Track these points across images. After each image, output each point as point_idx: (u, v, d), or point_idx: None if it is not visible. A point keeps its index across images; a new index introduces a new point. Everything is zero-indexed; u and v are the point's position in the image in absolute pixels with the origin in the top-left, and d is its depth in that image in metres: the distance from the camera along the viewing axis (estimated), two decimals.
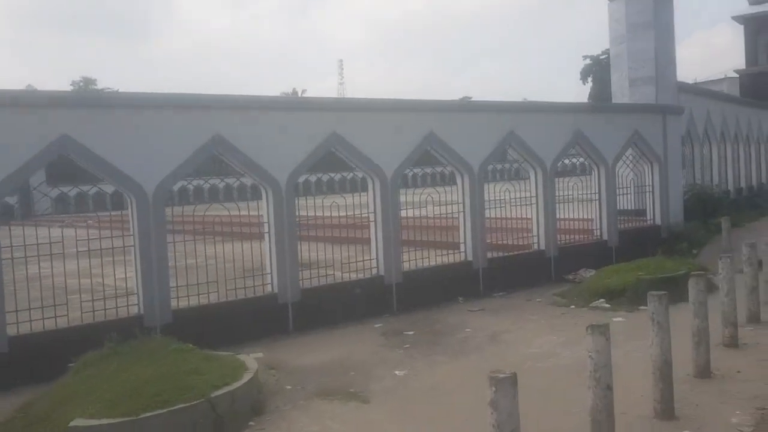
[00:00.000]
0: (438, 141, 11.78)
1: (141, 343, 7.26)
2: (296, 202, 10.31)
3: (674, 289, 9.82)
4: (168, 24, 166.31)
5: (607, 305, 10.44)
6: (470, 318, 10.40)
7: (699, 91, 18.33)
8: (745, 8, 33.98)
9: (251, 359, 7.15)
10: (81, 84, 67.41)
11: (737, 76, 33.96)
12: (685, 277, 10.69)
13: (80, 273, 9.46)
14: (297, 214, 10.33)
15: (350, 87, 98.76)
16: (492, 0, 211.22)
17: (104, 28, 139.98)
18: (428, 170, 19.16)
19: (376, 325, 10.07)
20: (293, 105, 11.63)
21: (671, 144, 15.87)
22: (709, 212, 16.42)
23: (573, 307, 10.70)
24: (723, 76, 41.93)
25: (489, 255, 12.49)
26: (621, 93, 16.63)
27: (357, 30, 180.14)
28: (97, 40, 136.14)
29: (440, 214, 12.68)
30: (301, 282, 10.18)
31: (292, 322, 9.92)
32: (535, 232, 13.33)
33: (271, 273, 9.97)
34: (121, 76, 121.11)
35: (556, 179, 13.82)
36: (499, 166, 43.04)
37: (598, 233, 14.44)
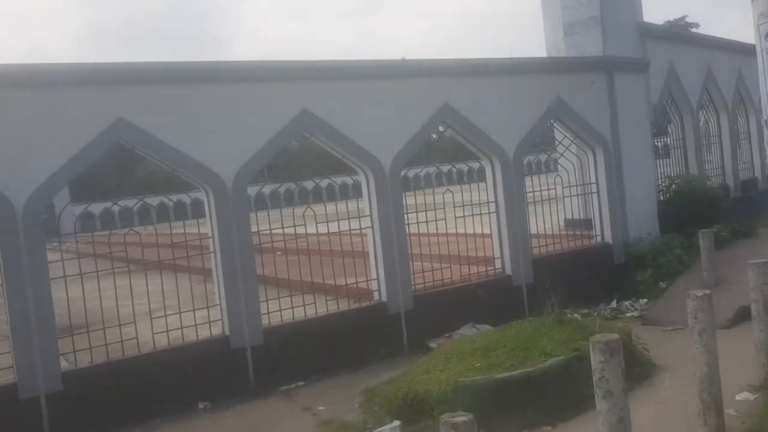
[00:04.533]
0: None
1: None
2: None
3: (537, 402, 5.16)
4: (232, 35, 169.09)
5: None
6: None
7: (685, 37, 12.91)
8: None
9: None
10: None
11: None
12: (558, 372, 5.79)
13: None
14: None
15: None
16: None
17: (172, 43, 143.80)
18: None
19: None
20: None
21: (627, 117, 10.70)
22: (701, 219, 11.07)
23: None
24: None
25: (278, 319, 7.72)
26: (555, 47, 11.54)
27: (416, 27, 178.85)
28: (164, 55, 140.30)
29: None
30: None
31: None
32: (374, 273, 8.46)
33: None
34: None
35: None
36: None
37: (500, 265, 9.41)
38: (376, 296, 8.48)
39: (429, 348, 8.30)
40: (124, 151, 7.43)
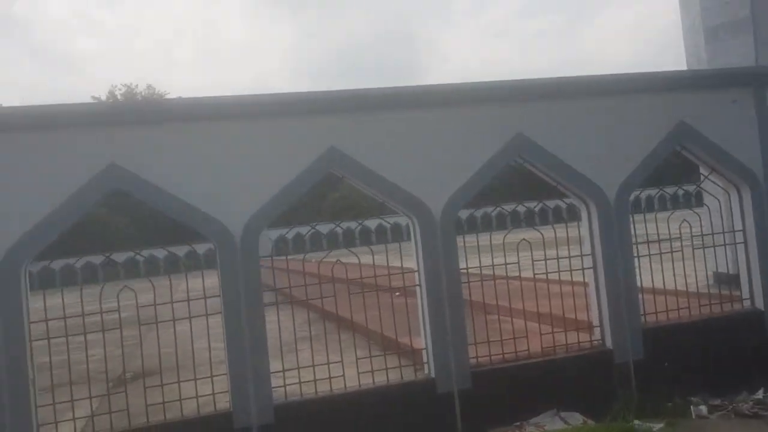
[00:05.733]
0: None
1: None
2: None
3: None
4: (431, 62, 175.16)
5: None
6: None
7: None
8: None
9: None
10: None
11: None
12: None
13: None
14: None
15: None
16: None
17: (372, 76, 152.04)
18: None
19: None
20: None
21: None
22: None
23: None
24: None
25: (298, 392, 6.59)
26: (696, 57, 9.35)
27: (623, 44, 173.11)
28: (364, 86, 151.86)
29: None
30: None
31: None
32: (422, 341, 7.04)
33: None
34: None
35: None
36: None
37: (598, 334, 7.50)
38: (425, 369, 7.04)
39: None
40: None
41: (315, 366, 6.66)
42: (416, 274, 7.00)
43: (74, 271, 37.28)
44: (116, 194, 6.28)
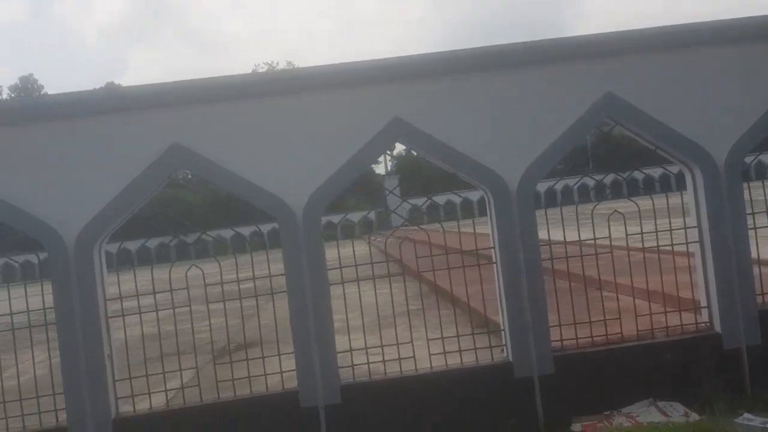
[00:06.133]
0: None
1: None
2: None
3: None
4: (573, 20, 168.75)
5: None
6: None
7: None
8: None
9: None
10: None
11: None
12: None
13: None
14: None
15: None
16: None
17: (509, 37, 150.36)
18: None
19: None
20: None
21: None
22: None
23: None
24: None
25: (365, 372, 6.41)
26: None
27: None
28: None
29: None
30: None
31: None
32: (503, 327, 6.59)
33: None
34: None
35: None
36: None
37: (706, 316, 6.69)
38: (503, 354, 6.59)
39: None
40: None
41: (384, 346, 6.41)
42: (492, 251, 6.54)
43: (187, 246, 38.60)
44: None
